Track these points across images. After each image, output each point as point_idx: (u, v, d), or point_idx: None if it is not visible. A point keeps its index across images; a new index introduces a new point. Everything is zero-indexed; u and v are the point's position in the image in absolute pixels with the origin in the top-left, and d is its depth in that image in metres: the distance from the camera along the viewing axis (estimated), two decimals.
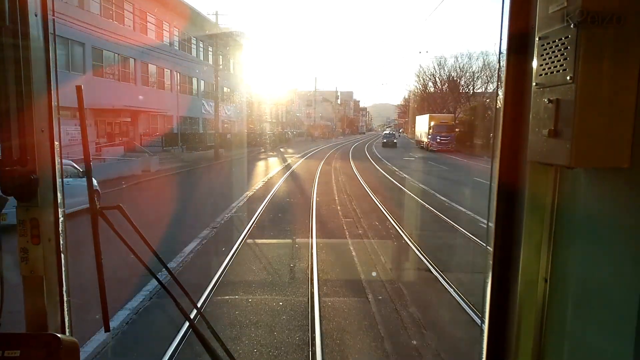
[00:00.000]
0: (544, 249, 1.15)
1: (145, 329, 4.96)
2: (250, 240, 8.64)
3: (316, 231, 9.28)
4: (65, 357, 1.06)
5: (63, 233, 1.24)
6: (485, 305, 1.26)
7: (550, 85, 0.98)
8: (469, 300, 5.53)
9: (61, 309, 1.24)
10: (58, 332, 1.17)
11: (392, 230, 9.43)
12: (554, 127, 0.96)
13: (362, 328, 4.98)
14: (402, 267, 7.45)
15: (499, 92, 1.23)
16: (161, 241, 8.23)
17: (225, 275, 6.53)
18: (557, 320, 1.14)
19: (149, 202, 13.94)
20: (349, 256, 7.71)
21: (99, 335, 4.58)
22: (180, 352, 4.21)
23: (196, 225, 9.87)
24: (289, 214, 11.70)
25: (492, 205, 1.23)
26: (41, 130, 1.17)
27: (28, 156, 1.11)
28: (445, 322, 5.35)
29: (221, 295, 5.81)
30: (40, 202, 1.17)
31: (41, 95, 1.16)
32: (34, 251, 1.17)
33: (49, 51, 1.19)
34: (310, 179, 18.73)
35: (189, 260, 7.40)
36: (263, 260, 7.45)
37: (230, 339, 4.61)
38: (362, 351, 4.54)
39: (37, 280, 1.17)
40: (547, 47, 1.00)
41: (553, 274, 1.14)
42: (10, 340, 1.06)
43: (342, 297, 5.84)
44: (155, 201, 14.21)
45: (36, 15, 1.14)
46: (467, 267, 7.32)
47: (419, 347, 4.56)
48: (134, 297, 5.69)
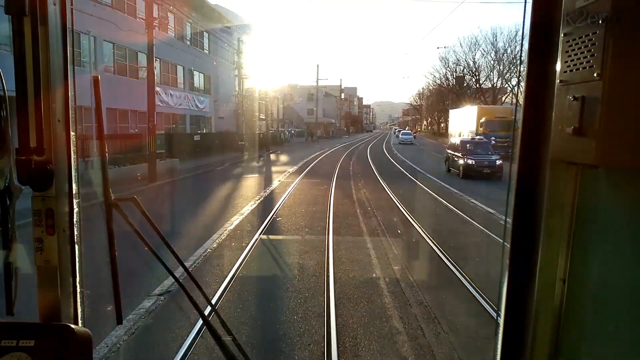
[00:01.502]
0: (563, 249, 1.12)
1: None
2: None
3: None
4: (77, 347, 1.07)
5: (78, 224, 1.22)
6: (501, 305, 1.21)
7: (576, 82, 0.97)
8: None
9: (74, 300, 1.22)
10: (71, 323, 1.16)
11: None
12: (578, 125, 0.95)
13: None
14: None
15: (521, 89, 1.23)
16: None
17: None
18: (574, 322, 1.12)
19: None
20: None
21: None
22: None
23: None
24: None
25: (511, 203, 1.19)
26: (58, 121, 1.15)
27: (45, 146, 1.09)
28: None
29: None
30: (56, 193, 1.16)
31: (58, 86, 1.15)
32: (49, 241, 1.15)
33: (67, 42, 1.17)
34: (317, 265, 7.00)
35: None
36: None
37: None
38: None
39: (51, 271, 1.17)
40: (572, 43, 0.98)
41: (571, 275, 1.11)
42: (25, 329, 1.07)
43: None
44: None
45: (55, 5, 1.13)
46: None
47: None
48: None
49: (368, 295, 5.59)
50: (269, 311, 5.16)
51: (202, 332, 4.28)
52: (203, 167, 20.91)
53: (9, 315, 1.13)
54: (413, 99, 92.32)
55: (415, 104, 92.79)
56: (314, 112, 64.92)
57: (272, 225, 9.44)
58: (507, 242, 1.20)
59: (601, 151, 0.90)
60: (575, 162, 0.99)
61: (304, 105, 72.47)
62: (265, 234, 8.58)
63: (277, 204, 11.91)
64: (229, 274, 6.17)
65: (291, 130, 57.31)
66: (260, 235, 8.34)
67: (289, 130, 56.07)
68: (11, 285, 1.14)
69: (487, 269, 6.73)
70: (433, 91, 66.08)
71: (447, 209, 11.61)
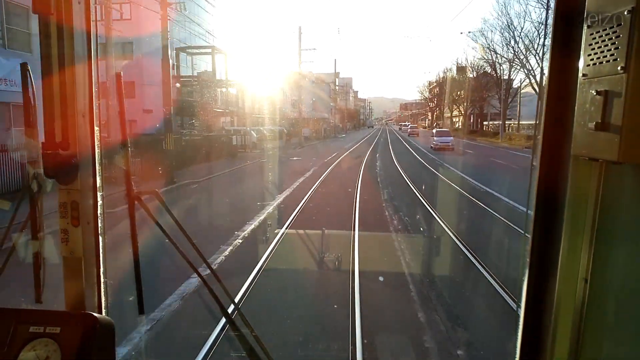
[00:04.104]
0: (585, 247, 1.09)
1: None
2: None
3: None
4: (101, 335, 1.10)
5: (101, 216, 1.25)
6: (521, 306, 1.22)
7: (599, 76, 0.95)
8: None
9: (98, 290, 1.26)
10: (95, 312, 1.19)
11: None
12: (601, 119, 0.92)
13: None
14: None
15: (542, 83, 1.25)
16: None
17: None
18: (595, 322, 1.10)
19: None
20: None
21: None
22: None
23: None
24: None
25: (532, 200, 1.17)
26: (82, 116, 1.18)
27: (70, 141, 1.13)
28: None
29: None
30: (80, 186, 1.18)
31: (82, 82, 1.18)
32: (73, 233, 1.18)
33: (90, 39, 1.20)
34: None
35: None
36: None
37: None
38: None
39: (76, 262, 1.20)
40: (596, 35, 0.96)
41: (594, 275, 1.09)
42: (52, 317, 1.10)
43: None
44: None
45: (79, 3, 1.16)
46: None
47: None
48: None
49: None
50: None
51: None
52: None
53: (38, 303, 1.18)
54: (425, 88, 78.30)
55: (428, 96, 78.07)
56: (300, 104, 47.71)
57: None
58: (528, 243, 1.18)
59: (625, 147, 0.88)
60: (598, 157, 0.97)
61: (288, 96, 54.90)
62: None
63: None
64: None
65: (272, 129, 39.28)
66: None
67: (268, 129, 38.34)
68: (39, 275, 1.19)
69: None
70: (455, 79, 56.95)
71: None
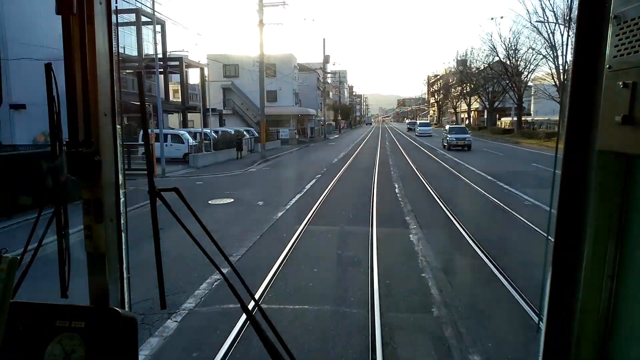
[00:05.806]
0: (611, 244, 1.06)
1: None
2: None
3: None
4: (124, 330, 1.12)
5: (124, 213, 1.26)
6: (544, 304, 1.16)
7: (626, 68, 0.93)
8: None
9: (121, 286, 1.27)
10: (118, 307, 1.20)
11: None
12: (628, 113, 0.90)
13: None
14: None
15: (567, 75, 1.15)
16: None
17: None
18: (623, 322, 1.06)
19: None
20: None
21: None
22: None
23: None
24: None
25: (556, 196, 1.14)
26: (104, 114, 1.20)
27: (92, 139, 1.15)
28: None
29: None
30: (103, 183, 1.20)
31: (104, 81, 1.19)
32: (97, 229, 1.20)
33: (112, 37, 1.21)
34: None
35: None
36: None
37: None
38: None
39: (100, 257, 1.21)
40: (624, 26, 0.93)
41: (620, 272, 1.06)
42: (76, 312, 1.13)
43: None
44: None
45: (101, 4, 1.17)
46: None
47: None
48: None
49: None
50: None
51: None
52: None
53: (63, 298, 1.19)
54: (431, 78, 69.56)
55: (434, 89, 68.35)
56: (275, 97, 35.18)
57: None
58: (551, 239, 1.15)
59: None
60: (625, 152, 0.95)
61: (265, 87, 42.07)
62: None
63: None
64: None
65: (212, 133, 24.95)
66: None
67: (212, 133, 24.63)
68: (65, 270, 1.20)
69: None
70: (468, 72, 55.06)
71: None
